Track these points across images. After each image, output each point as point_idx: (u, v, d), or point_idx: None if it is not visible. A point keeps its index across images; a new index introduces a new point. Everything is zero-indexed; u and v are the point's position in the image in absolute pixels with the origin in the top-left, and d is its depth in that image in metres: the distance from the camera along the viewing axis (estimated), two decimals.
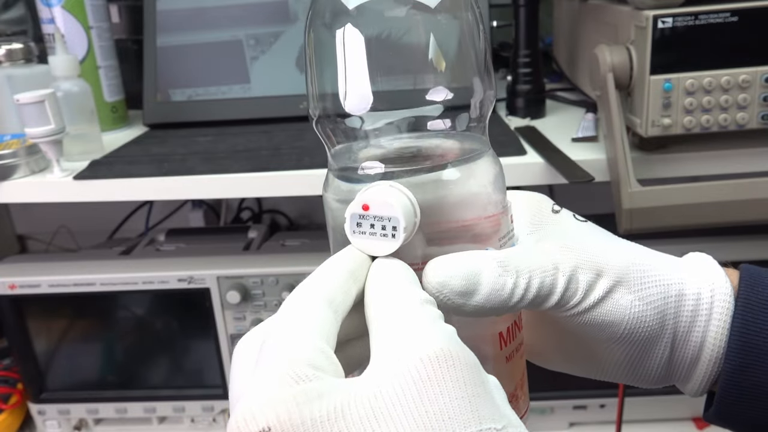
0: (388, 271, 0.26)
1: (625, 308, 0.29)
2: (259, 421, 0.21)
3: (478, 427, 0.21)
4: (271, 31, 0.87)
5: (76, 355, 0.90)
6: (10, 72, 0.78)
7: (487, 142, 0.30)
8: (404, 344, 0.22)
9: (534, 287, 0.28)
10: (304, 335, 0.23)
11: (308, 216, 1.18)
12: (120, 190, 0.70)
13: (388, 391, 0.21)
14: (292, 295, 0.25)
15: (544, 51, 0.92)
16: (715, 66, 0.59)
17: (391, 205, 0.25)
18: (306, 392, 0.21)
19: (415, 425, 0.20)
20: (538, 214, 0.32)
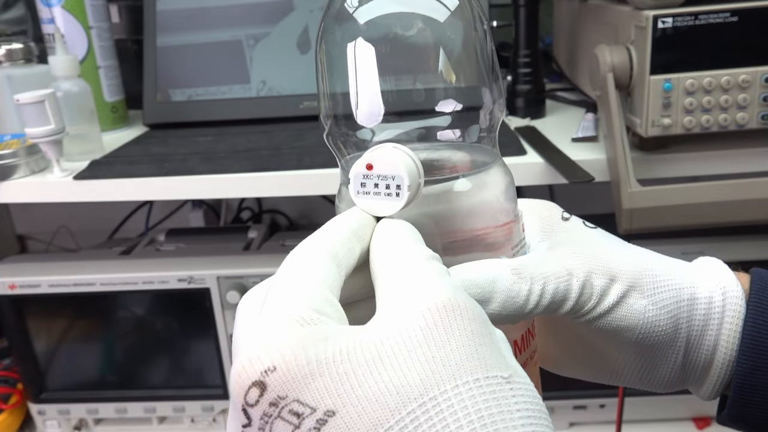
0: (393, 228, 0.25)
1: (639, 313, 0.29)
2: (264, 361, 0.21)
3: (485, 374, 0.20)
4: (270, 31, 0.87)
5: (76, 355, 0.90)
6: (10, 72, 0.78)
7: (497, 152, 0.30)
8: (411, 295, 0.22)
9: (549, 293, 0.28)
10: (309, 283, 0.23)
11: (308, 216, 1.18)
12: (120, 190, 0.70)
13: (395, 336, 0.21)
14: (294, 250, 0.24)
15: (544, 51, 0.92)
16: (715, 66, 0.59)
17: (395, 163, 0.25)
18: (311, 334, 0.21)
19: (422, 369, 0.20)
20: (548, 222, 0.32)
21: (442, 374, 0.20)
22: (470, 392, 0.20)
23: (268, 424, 0.20)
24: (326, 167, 0.68)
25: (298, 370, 0.20)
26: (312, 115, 0.85)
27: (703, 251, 0.79)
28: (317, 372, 0.20)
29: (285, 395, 0.20)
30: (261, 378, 0.20)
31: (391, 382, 0.20)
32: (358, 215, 0.26)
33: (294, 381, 0.20)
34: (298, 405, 0.20)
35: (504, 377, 0.21)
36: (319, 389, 0.20)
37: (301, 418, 0.20)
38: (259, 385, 0.20)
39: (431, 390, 0.20)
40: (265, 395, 0.20)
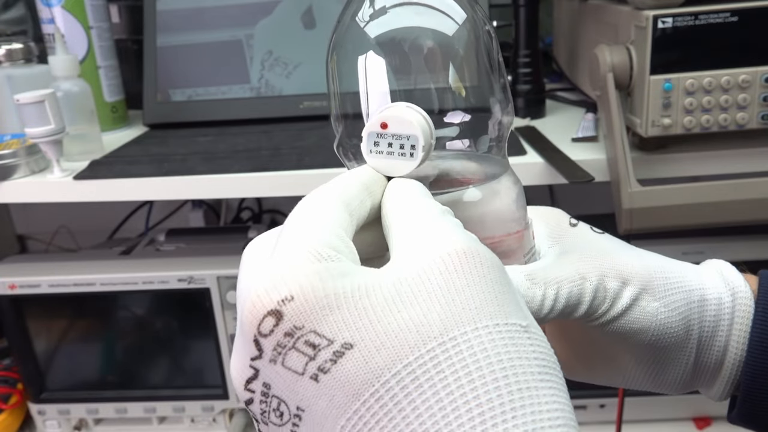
0: (406, 185, 0.25)
1: (651, 315, 0.29)
2: (281, 290, 0.20)
3: (504, 320, 0.20)
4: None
5: (76, 355, 0.90)
6: (10, 72, 0.78)
7: (506, 162, 0.30)
8: (429, 241, 0.22)
9: (563, 297, 0.28)
10: (324, 223, 0.23)
11: None
12: (120, 190, 0.70)
13: (414, 278, 0.21)
14: (305, 197, 0.24)
15: (544, 51, 0.92)
16: (715, 66, 0.59)
17: (411, 122, 0.25)
18: (329, 269, 0.21)
19: (441, 311, 0.20)
20: (556, 228, 0.32)
21: (462, 316, 0.20)
22: (490, 335, 0.20)
23: (281, 355, 0.20)
24: (326, 167, 0.68)
25: (317, 301, 0.20)
26: (312, 115, 0.85)
27: (703, 251, 0.79)
28: (335, 305, 0.20)
29: (302, 325, 0.20)
30: (277, 307, 0.20)
31: (410, 319, 0.20)
32: (369, 172, 0.26)
33: (312, 311, 0.20)
34: (314, 336, 0.20)
35: (522, 326, 0.21)
36: (337, 321, 0.20)
37: (317, 349, 0.20)
38: (275, 314, 0.20)
39: (451, 330, 0.20)
40: (280, 325, 0.20)
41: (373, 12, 0.28)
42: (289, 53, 0.86)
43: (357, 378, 0.19)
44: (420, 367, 0.19)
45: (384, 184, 0.26)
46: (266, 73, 0.87)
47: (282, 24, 0.87)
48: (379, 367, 0.19)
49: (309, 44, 0.86)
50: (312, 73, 0.86)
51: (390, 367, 0.19)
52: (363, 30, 0.28)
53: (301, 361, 0.20)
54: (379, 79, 0.27)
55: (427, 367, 0.19)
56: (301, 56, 0.86)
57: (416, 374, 0.19)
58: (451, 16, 0.28)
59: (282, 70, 0.86)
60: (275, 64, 0.87)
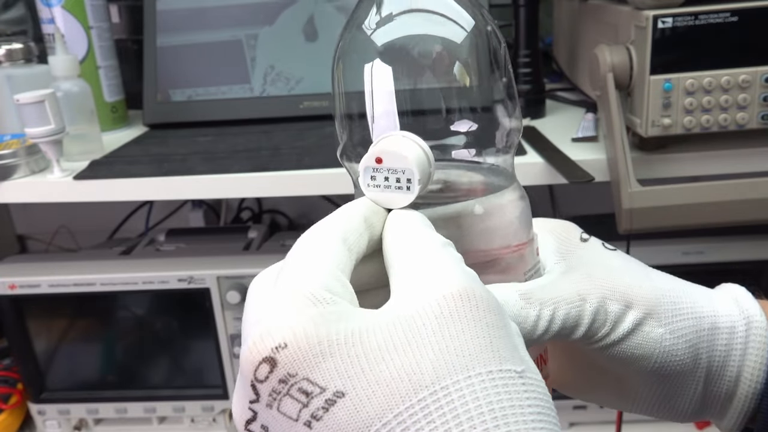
0: (406, 217, 0.25)
1: (655, 341, 0.28)
2: (276, 337, 0.20)
3: (498, 367, 0.20)
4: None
5: (76, 355, 0.90)
6: (10, 72, 0.78)
7: (512, 174, 0.30)
8: (426, 281, 0.22)
9: (559, 319, 0.27)
10: (321, 264, 0.23)
11: (308, 216, 1.18)
12: (120, 190, 0.70)
13: (409, 322, 0.21)
14: (305, 233, 0.24)
15: (544, 51, 0.92)
16: (715, 66, 0.59)
17: (405, 156, 0.24)
18: (324, 314, 0.21)
19: (434, 358, 0.20)
20: (565, 243, 0.31)
21: (455, 364, 0.20)
22: (482, 384, 0.20)
23: (276, 400, 0.20)
24: (326, 167, 0.68)
25: (309, 348, 0.20)
26: (312, 115, 0.85)
27: (703, 251, 0.79)
28: (328, 352, 0.20)
29: (295, 373, 0.20)
30: (272, 354, 0.20)
31: (402, 368, 0.20)
32: (368, 204, 0.25)
33: (304, 359, 0.20)
34: (307, 384, 0.20)
35: (517, 371, 0.20)
36: (329, 369, 0.20)
37: (309, 396, 0.20)
38: (270, 362, 0.20)
39: (443, 379, 0.20)
40: (275, 372, 0.20)
41: (380, 19, 0.27)
42: (290, 68, 0.87)
43: (348, 426, 0.19)
44: (410, 417, 0.19)
45: (384, 216, 0.25)
46: (268, 87, 0.87)
47: (283, 35, 0.87)
48: (369, 417, 0.19)
49: (311, 58, 0.86)
50: (314, 87, 0.86)
51: (381, 416, 0.19)
52: (369, 38, 0.27)
53: (295, 408, 0.20)
54: (386, 87, 0.27)
55: (418, 417, 0.19)
56: (303, 71, 0.86)
57: (406, 424, 0.19)
58: (459, 23, 0.28)
59: (284, 86, 0.87)
60: (277, 80, 0.87)
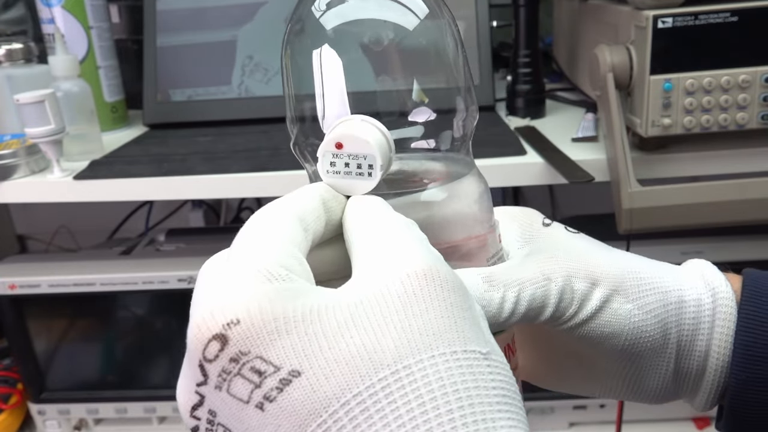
0: (367, 200, 0.24)
1: (624, 318, 0.28)
2: (227, 314, 0.19)
3: (462, 347, 0.19)
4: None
5: (76, 355, 0.90)
6: (10, 72, 0.78)
7: (471, 162, 0.29)
8: (389, 259, 0.21)
9: (525, 300, 0.26)
10: (276, 240, 0.21)
11: None
12: (120, 190, 0.70)
13: (370, 300, 0.20)
14: (257, 212, 0.23)
15: (544, 51, 0.92)
16: (715, 66, 0.59)
17: (367, 141, 0.23)
18: (279, 291, 0.20)
19: (397, 336, 0.19)
20: (528, 229, 0.31)
21: (418, 343, 0.19)
22: (446, 364, 0.19)
23: (226, 381, 0.19)
24: None
25: (264, 325, 0.19)
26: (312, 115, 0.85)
27: (703, 251, 0.79)
28: (284, 329, 0.19)
29: (247, 351, 0.19)
30: (222, 331, 0.19)
31: (363, 345, 0.19)
32: (327, 188, 0.24)
33: (258, 336, 0.19)
34: (260, 362, 0.19)
35: (482, 353, 0.20)
36: (285, 347, 0.19)
37: (263, 376, 0.19)
38: (220, 339, 0.19)
39: (406, 358, 0.19)
40: (225, 350, 0.19)
41: (329, 2, 0.26)
42: (269, 59, 0.86)
43: (304, 408, 0.18)
44: (371, 396, 0.18)
45: (343, 202, 0.25)
46: (246, 79, 0.87)
47: (265, 29, 0.86)
48: (327, 397, 0.18)
49: None
50: None
51: (339, 396, 0.18)
52: (318, 21, 0.26)
53: (247, 389, 0.19)
54: (335, 74, 0.25)
55: (378, 396, 0.18)
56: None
57: (366, 404, 0.18)
58: (413, 10, 0.26)
59: (262, 76, 0.86)
60: (255, 70, 0.86)
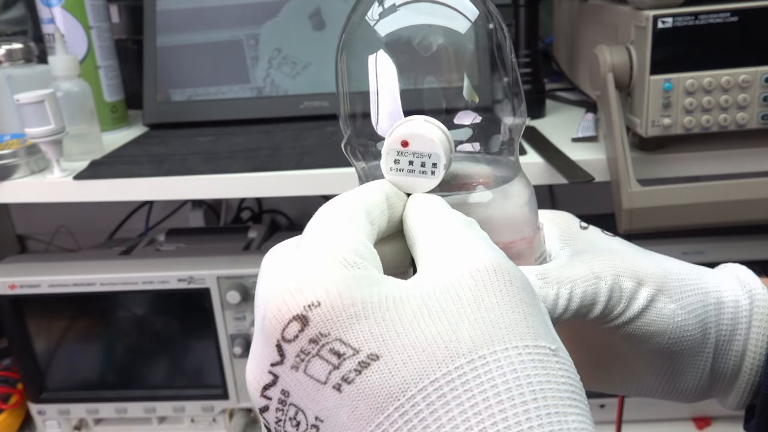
0: (429, 199, 0.25)
1: (668, 317, 0.28)
2: (308, 295, 0.20)
3: (534, 342, 0.20)
4: None
5: (76, 355, 0.90)
6: (10, 72, 0.78)
7: (518, 164, 0.30)
8: (456, 255, 0.21)
9: (577, 297, 0.27)
10: (348, 229, 0.22)
11: (308, 216, 1.16)
12: (120, 190, 0.70)
13: (443, 292, 0.20)
14: (326, 204, 0.24)
15: (544, 51, 0.92)
16: (715, 66, 0.59)
17: (432, 140, 0.24)
18: (356, 277, 0.20)
19: (471, 328, 0.19)
20: (567, 231, 0.31)
21: (492, 335, 0.20)
22: (519, 357, 0.19)
23: (304, 362, 0.19)
24: (326, 167, 0.68)
25: (344, 308, 0.19)
26: (312, 115, 0.85)
27: (703, 251, 0.79)
28: (362, 314, 0.20)
29: (328, 332, 0.19)
30: (304, 312, 0.19)
31: (439, 334, 0.19)
32: (389, 185, 0.25)
33: (339, 319, 0.19)
34: (340, 344, 0.19)
35: (552, 349, 0.20)
36: (363, 331, 0.19)
37: (342, 358, 0.19)
38: (301, 320, 0.19)
39: (481, 348, 0.19)
40: (306, 331, 0.19)
41: (383, 10, 0.27)
42: (298, 53, 0.86)
43: (382, 391, 0.19)
44: (448, 384, 0.19)
45: (404, 200, 0.25)
46: (273, 72, 0.86)
47: (290, 25, 0.86)
48: (405, 381, 0.19)
49: (319, 46, 0.86)
50: (321, 74, 0.85)
51: (417, 381, 0.19)
52: (373, 28, 0.27)
53: (325, 370, 0.19)
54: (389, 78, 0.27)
55: (455, 384, 0.19)
56: (311, 57, 0.86)
57: (443, 391, 0.19)
58: (463, 14, 0.27)
59: (290, 70, 0.86)
60: (284, 63, 0.86)
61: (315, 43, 0.86)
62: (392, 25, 0.27)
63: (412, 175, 0.25)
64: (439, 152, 0.24)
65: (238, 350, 0.84)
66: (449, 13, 0.27)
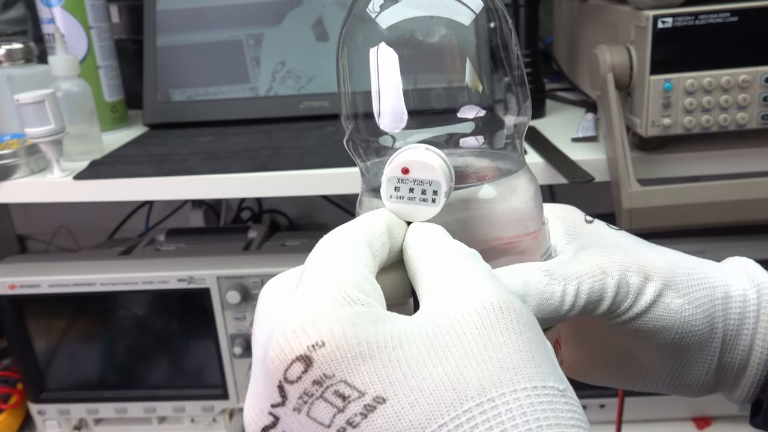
0: (430, 228, 0.24)
1: (675, 312, 0.28)
2: (311, 334, 0.19)
3: (542, 383, 0.19)
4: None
5: (76, 355, 0.90)
6: (10, 72, 0.78)
7: (523, 159, 0.29)
8: (460, 290, 0.21)
9: (584, 292, 0.27)
10: (350, 263, 0.21)
11: (308, 216, 1.18)
12: (120, 190, 0.70)
13: (448, 330, 0.20)
14: (327, 236, 0.23)
15: (544, 51, 0.92)
16: (715, 66, 0.59)
17: (433, 167, 0.24)
18: (359, 314, 0.20)
19: (478, 369, 0.19)
20: (572, 225, 0.31)
21: (500, 377, 0.19)
22: (528, 399, 0.19)
23: (307, 404, 0.19)
24: (326, 167, 0.68)
25: (349, 349, 0.19)
26: (312, 115, 0.85)
27: (703, 251, 0.79)
28: (368, 354, 0.19)
29: (332, 374, 0.19)
30: (307, 352, 0.19)
31: (446, 376, 0.19)
32: (390, 214, 0.25)
33: (343, 360, 0.19)
34: (345, 386, 0.19)
35: (560, 390, 0.20)
36: (369, 373, 0.19)
37: (347, 401, 0.19)
38: (304, 360, 0.19)
39: (489, 390, 0.19)
40: (309, 372, 0.19)
41: (384, 2, 0.27)
42: (302, 66, 0.86)
43: None
44: (456, 428, 0.18)
45: (404, 228, 0.25)
46: (277, 85, 0.86)
47: (292, 35, 0.86)
48: (412, 425, 0.18)
49: (323, 58, 0.85)
50: (327, 87, 0.85)
51: (425, 425, 0.18)
52: (374, 21, 0.27)
53: (329, 413, 0.19)
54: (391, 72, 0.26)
55: (464, 428, 0.18)
56: (315, 70, 0.86)
57: None
58: (467, 5, 0.27)
59: (294, 83, 0.86)
60: (288, 77, 0.86)
61: (319, 56, 0.86)
62: (394, 18, 0.27)
63: (412, 203, 0.25)
64: (440, 179, 0.24)
65: (238, 350, 0.84)
66: (452, 4, 0.27)
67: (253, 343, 0.22)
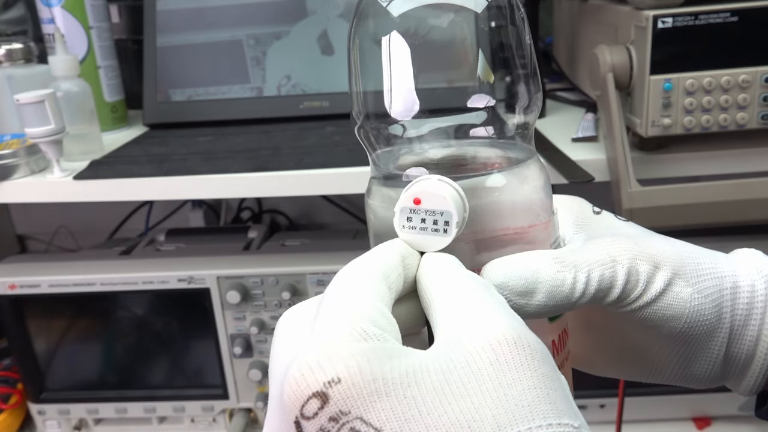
0: (443, 259, 0.25)
1: (685, 301, 0.28)
2: (327, 371, 0.19)
3: (557, 420, 0.19)
4: (272, 31, 0.87)
5: (76, 355, 0.90)
6: (10, 72, 0.78)
7: (533, 149, 0.29)
8: (475, 324, 0.21)
9: (594, 281, 0.27)
10: (366, 298, 0.22)
11: (308, 216, 1.18)
12: (120, 190, 0.70)
13: (463, 366, 0.20)
14: (344, 268, 0.24)
15: (544, 51, 0.92)
16: (715, 66, 0.59)
17: (444, 198, 0.24)
18: (375, 350, 0.20)
19: (494, 406, 0.19)
20: (580, 215, 0.31)
21: (515, 414, 0.19)
22: None
23: None
24: (326, 167, 0.68)
25: (365, 385, 0.19)
26: (312, 115, 0.85)
27: None
28: (383, 391, 0.19)
29: (348, 411, 0.19)
30: (323, 389, 0.19)
31: (462, 414, 0.19)
32: (404, 244, 0.25)
33: (359, 396, 0.19)
34: (361, 424, 0.19)
35: (575, 426, 0.20)
36: (384, 410, 0.19)
37: None
38: (321, 397, 0.19)
39: (504, 429, 0.19)
40: (326, 408, 0.19)
41: None
42: (307, 80, 0.86)
43: None
44: None
45: (418, 258, 0.25)
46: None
47: (297, 48, 0.86)
48: None
49: (328, 72, 0.85)
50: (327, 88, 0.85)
51: None
52: (385, 9, 0.27)
53: None
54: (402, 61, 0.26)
55: None
56: (321, 84, 0.85)
57: None
58: None
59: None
60: (293, 91, 0.86)
61: (324, 70, 0.86)
62: (404, 6, 0.27)
63: (424, 233, 0.25)
64: (452, 210, 0.24)
65: (238, 350, 0.84)
66: None
67: (269, 378, 0.22)
